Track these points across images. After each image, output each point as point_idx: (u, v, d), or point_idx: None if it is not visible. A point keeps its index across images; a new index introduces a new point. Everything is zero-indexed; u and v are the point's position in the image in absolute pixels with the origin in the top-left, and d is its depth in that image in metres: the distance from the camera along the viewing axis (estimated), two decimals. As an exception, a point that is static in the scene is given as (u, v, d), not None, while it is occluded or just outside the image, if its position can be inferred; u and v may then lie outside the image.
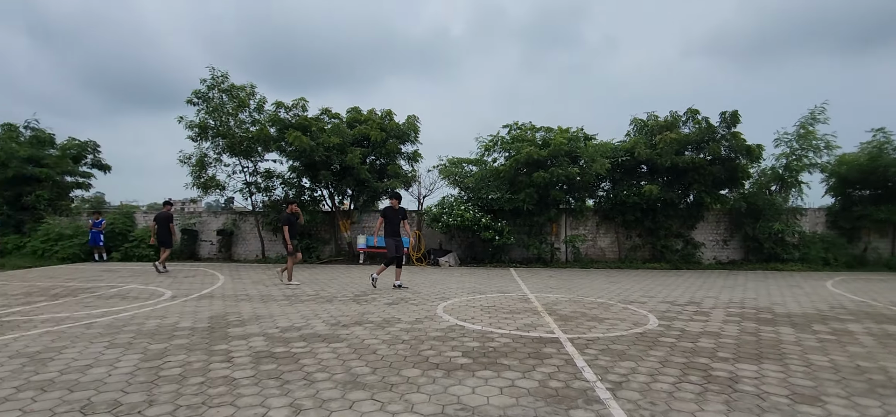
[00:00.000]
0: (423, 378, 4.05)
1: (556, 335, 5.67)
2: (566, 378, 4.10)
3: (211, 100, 15.64)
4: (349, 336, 5.51)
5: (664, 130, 14.86)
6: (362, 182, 15.49)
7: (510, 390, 3.80)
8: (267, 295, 8.69)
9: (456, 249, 16.28)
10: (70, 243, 15.58)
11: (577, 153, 14.55)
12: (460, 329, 5.93)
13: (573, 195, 15.72)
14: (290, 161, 16.04)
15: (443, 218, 14.84)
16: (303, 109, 16.03)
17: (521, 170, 14.72)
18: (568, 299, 8.44)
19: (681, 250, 15.53)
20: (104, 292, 8.84)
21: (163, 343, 5.12)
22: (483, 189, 15.32)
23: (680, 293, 9.37)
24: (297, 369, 4.26)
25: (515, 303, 7.91)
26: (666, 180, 15.42)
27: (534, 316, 6.79)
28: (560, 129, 15.16)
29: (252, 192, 16.83)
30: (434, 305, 7.62)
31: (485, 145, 16.12)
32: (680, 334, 5.80)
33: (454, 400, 3.56)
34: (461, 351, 4.88)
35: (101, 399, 3.48)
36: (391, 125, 16.19)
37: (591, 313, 7.11)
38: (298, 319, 6.45)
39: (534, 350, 4.99)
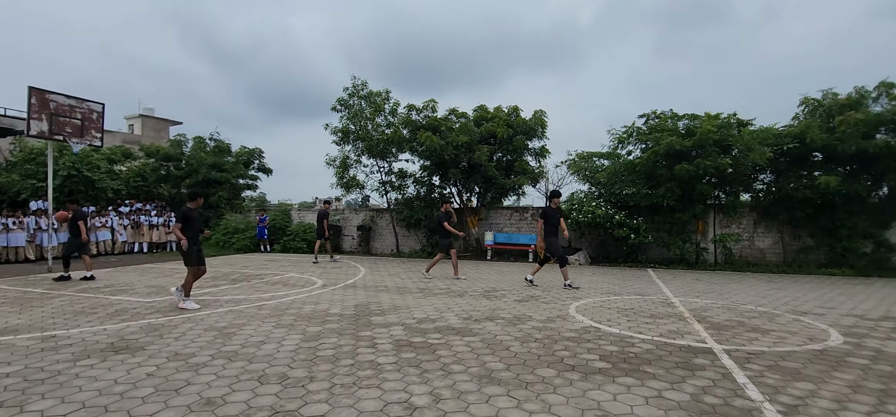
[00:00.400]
0: (558, 379, 3.92)
1: (709, 345, 5.07)
2: (725, 394, 3.64)
3: (352, 106, 17.13)
4: (481, 330, 5.57)
5: (846, 110, 12.41)
6: (490, 179, 15.64)
7: (657, 401, 3.48)
8: (402, 287, 9.22)
9: (586, 247, 15.58)
10: (243, 236, 18.32)
11: (729, 142, 12.87)
12: (596, 331, 5.63)
13: (724, 189, 13.97)
14: (421, 160, 16.84)
15: (572, 214, 14.30)
16: (432, 110, 16.71)
17: (661, 162, 13.50)
18: (720, 305, 7.52)
19: (870, 254, 12.85)
20: (270, 279, 10.21)
21: (318, 326, 5.72)
22: (616, 184, 14.40)
23: (871, 306, 7.76)
24: (435, 359, 4.42)
25: (657, 307, 7.28)
26: (849, 170, 12.89)
27: (680, 323, 6.17)
28: (708, 116, 13.55)
29: (387, 191, 18.03)
30: (566, 305, 7.36)
31: (618, 137, 15.12)
32: (875, 355, 4.79)
33: (594, 405, 3.38)
34: (598, 355, 4.63)
35: (272, 372, 4.00)
36: (518, 121, 16.09)
37: (751, 323, 6.24)
38: (432, 312, 6.71)
39: (682, 359, 4.52)
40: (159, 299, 7.45)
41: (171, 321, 5.86)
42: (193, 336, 5.14)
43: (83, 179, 16.77)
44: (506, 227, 17.16)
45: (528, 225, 16.89)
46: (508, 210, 17.33)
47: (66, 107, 11.81)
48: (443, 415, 3.17)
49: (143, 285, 8.98)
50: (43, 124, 11.30)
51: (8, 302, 7.18)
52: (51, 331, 5.31)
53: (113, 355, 4.41)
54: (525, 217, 17.05)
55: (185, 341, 4.92)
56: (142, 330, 5.40)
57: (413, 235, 17.82)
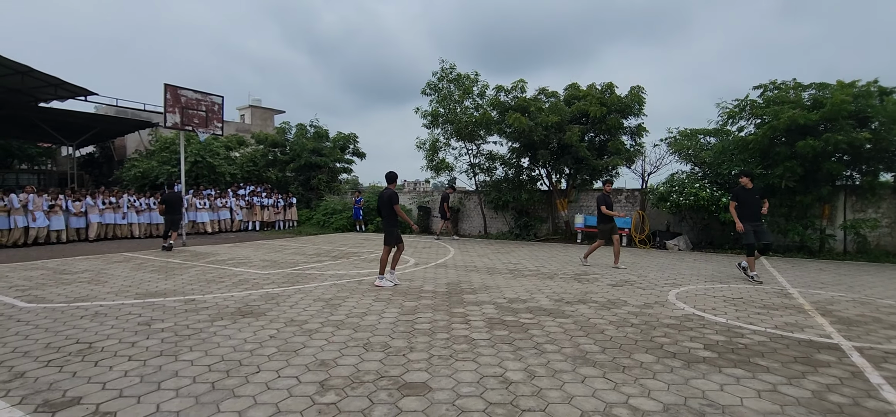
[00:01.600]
0: (658, 365, 3.79)
1: (835, 340, 4.57)
2: (854, 393, 3.29)
3: (440, 90, 17.41)
4: (574, 312, 5.51)
5: None
6: (580, 160, 15.13)
7: (771, 395, 3.24)
8: (491, 267, 9.33)
9: (687, 232, 14.54)
10: (340, 217, 19.60)
11: (868, 113, 11.19)
12: (699, 319, 5.31)
13: (859, 167, 12.23)
14: (510, 142, 16.71)
15: (671, 197, 13.39)
16: (521, 91, 16.45)
17: (779, 138, 12.12)
18: (850, 299, 6.69)
19: None
20: (366, 256, 10.85)
21: (413, 301, 6.02)
22: (724, 163, 13.20)
23: None
24: (527, 338, 4.47)
25: (770, 297, 6.66)
26: None
27: (799, 315, 5.61)
28: (840, 84, 11.86)
29: (475, 173, 18.18)
30: (664, 291, 7.00)
31: (729, 112, 13.78)
32: None
33: (698, 394, 3.24)
34: (702, 344, 4.38)
35: (376, 341, 4.32)
36: (613, 99, 15.30)
37: (888, 320, 5.50)
38: (523, 292, 6.74)
39: (801, 353, 4.14)
40: (274, 272, 8.27)
41: (285, 292, 6.51)
42: (304, 305, 5.67)
43: (206, 165, 18.94)
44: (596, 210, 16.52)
45: (621, 207, 16.14)
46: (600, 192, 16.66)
47: (194, 100, 13.37)
48: (538, 391, 3.23)
49: (258, 259, 10.01)
50: (176, 116, 12.91)
51: (155, 269, 8.42)
52: (191, 296, 6.16)
53: (241, 318, 5.03)
54: (618, 199, 16.29)
55: (298, 309, 5.45)
56: (261, 298, 6.07)
57: (501, 217, 17.85)
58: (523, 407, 2.98)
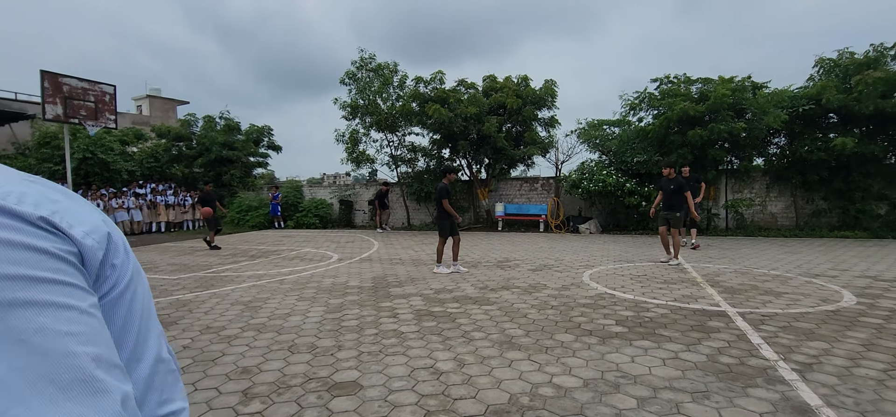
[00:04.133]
0: (577, 343, 4.05)
1: (723, 308, 5.17)
2: (740, 354, 3.75)
3: (360, 80, 17.07)
4: (498, 299, 5.71)
5: (864, 69, 12.16)
6: (499, 150, 15.63)
7: (674, 362, 3.60)
8: (417, 259, 9.37)
9: (597, 216, 15.62)
10: (256, 214, 18.58)
11: (744, 105, 12.71)
12: (610, 297, 5.75)
13: (737, 154, 13.85)
14: (430, 133, 16.83)
15: (582, 183, 14.30)
16: (440, 82, 16.61)
17: (673, 128, 13.39)
18: (733, 270, 7.59)
19: (885, 215, 12.78)
20: (287, 254, 10.41)
21: (339, 298, 5.89)
22: (627, 152, 14.32)
23: (885, 267, 7.79)
24: (455, 327, 4.57)
25: (670, 273, 7.37)
26: (865, 131, 12.72)
27: (693, 288, 6.27)
28: (722, 80, 13.35)
29: (397, 165, 18.10)
30: (579, 273, 7.48)
31: (630, 104, 14.96)
32: (889, 315, 4.86)
33: (613, 367, 3.51)
34: (614, 320, 4.75)
35: (302, 342, 4.17)
36: (527, 91, 15.96)
37: (764, 286, 6.32)
38: (449, 282, 6.86)
39: (697, 322, 4.63)
40: (185, 276, 7.67)
41: (198, 297, 6.07)
42: (221, 310, 5.33)
43: (98, 161, 17.02)
44: (516, 198, 17.21)
45: (538, 195, 16.93)
46: (518, 181, 17.36)
47: (79, 89, 11.93)
48: (468, 379, 3.32)
49: (165, 263, 9.23)
50: (57, 108, 11.45)
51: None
52: (85, 309, 5.53)
53: (147, 329, 4.60)
54: (535, 187, 17.07)
55: (215, 315, 5.11)
56: (171, 305, 5.61)
57: (424, 208, 17.95)
58: (455, 396, 3.05)
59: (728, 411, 2.83)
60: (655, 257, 9.15)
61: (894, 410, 2.80)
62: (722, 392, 3.08)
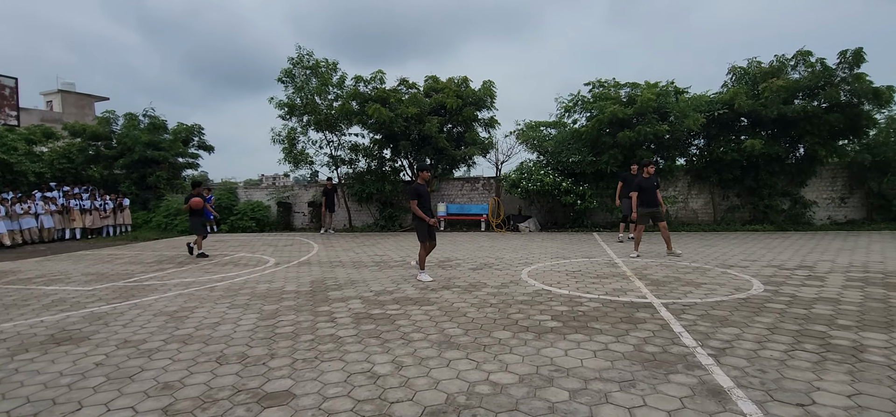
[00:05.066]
0: (514, 340, 4.14)
1: (649, 300, 5.49)
2: (663, 342, 3.99)
3: (297, 78, 16.53)
4: (438, 299, 5.73)
5: (769, 77, 13.37)
6: (440, 150, 15.70)
7: (604, 353, 3.77)
8: (357, 261, 9.22)
9: (536, 214, 16.09)
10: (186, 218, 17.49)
11: (667, 109, 13.57)
12: (547, 293, 5.93)
13: (662, 154, 14.77)
14: (371, 133, 16.62)
15: (521, 183, 14.67)
16: (380, 82, 16.43)
17: (605, 130, 14.05)
18: (659, 263, 8.08)
19: (787, 210, 14.12)
20: (219, 260, 9.89)
21: (274, 304, 5.66)
22: (563, 152, 14.87)
23: (788, 256, 8.59)
24: (394, 329, 4.53)
25: (602, 268, 7.72)
26: (771, 133, 13.97)
27: (623, 281, 6.60)
28: (647, 84, 14.18)
29: (337, 165, 17.70)
30: (518, 270, 7.66)
31: (565, 106, 15.54)
32: (790, 300, 5.36)
33: (547, 361, 3.61)
34: (550, 315, 4.90)
35: (231, 352, 3.97)
36: (467, 92, 16.15)
37: (685, 278, 6.77)
38: (389, 284, 6.80)
39: (626, 314, 4.88)
40: (101, 286, 7.07)
41: (116, 309, 5.61)
42: (142, 321, 4.96)
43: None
44: (458, 198, 17.37)
45: (479, 195, 17.18)
46: (459, 181, 17.53)
47: (-27, 82, 10.67)
48: (406, 381, 3.30)
49: (79, 273, 8.47)
50: (-54, 102, 10.18)
51: (-77, 299, 6.58)
52: (-21, 327, 4.96)
53: (55, 347, 4.20)
54: (476, 187, 17.31)
55: (134, 328, 4.75)
56: (84, 319, 5.15)
57: (365, 209, 17.69)
58: (392, 399, 3.02)
59: (652, 397, 2.99)
60: (589, 253, 9.55)
61: (794, 387, 3.09)
62: (646, 379, 3.26)
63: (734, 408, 2.82)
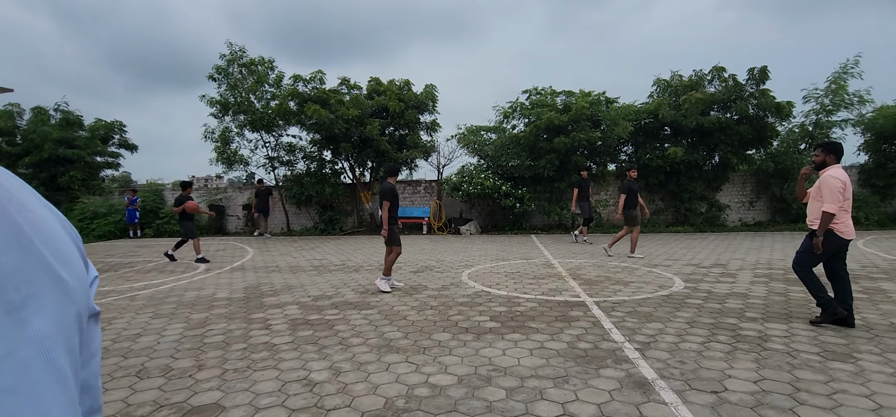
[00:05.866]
0: (453, 341, 4.18)
1: (582, 299, 5.74)
2: (594, 339, 4.18)
3: (231, 75, 15.79)
4: (379, 303, 5.67)
5: (689, 90, 14.46)
6: (382, 153, 15.57)
7: (540, 351, 3.90)
8: (296, 265, 8.93)
9: (477, 217, 16.36)
10: (105, 221, 16.14)
11: (599, 117, 14.30)
12: (486, 294, 6.04)
13: (595, 160, 15.53)
14: (311, 134, 16.19)
15: (463, 186, 14.87)
16: (320, 82, 16.07)
17: (542, 136, 14.56)
18: (592, 264, 8.47)
19: (705, 213, 15.30)
20: (142, 266, 9.22)
21: (203, 312, 5.36)
22: (502, 156, 15.23)
23: (705, 255, 9.31)
24: (332, 334, 4.43)
25: (539, 269, 7.98)
26: (690, 142, 15.09)
27: (558, 281, 6.86)
28: (581, 93, 14.87)
29: (274, 167, 17.08)
30: (459, 273, 7.75)
31: (504, 112, 15.95)
32: (707, 296, 5.81)
33: (486, 361, 3.68)
34: (489, 316, 5.00)
35: (153, 365, 3.71)
36: (409, 95, 16.13)
37: (615, 277, 7.14)
38: (328, 288, 6.64)
39: (561, 313, 5.07)
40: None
41: (18, 322, 5.07)
42: (50, 336, 4.52)
43: None
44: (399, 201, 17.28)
45: (421, 198, 17.20)
46: (401, 184, 17.46)
47: None
48: (343, 387, 3.23)
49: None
50: None
51: None
52: None
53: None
54: (418, 190, 17.33)
55: (40, 343, 4.31)
56: (-22, 335, 4.61)
57: (304, 212, 17.19)
58: (328, 406, 2.95)
59: (583, 392, 3.13)
60: (527, 255, 9.84)
61: (709, 376, 3.35)
62: (579, 375, 3.40)
63: (657, 398, 3.01)
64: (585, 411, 2.85)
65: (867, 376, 3.27)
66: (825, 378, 3.26)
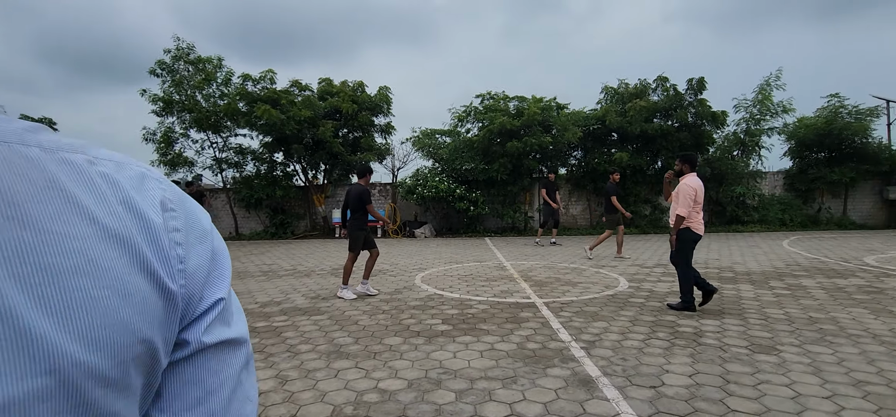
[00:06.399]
0: (405, 345, 4.17)
1: (533, 300, 5.87)
2: (543, 339, 4.29)
3: (176, 71, 15.06)
4: (329, 308, 5.57)
5: (634, 98, 15.13)
6: (335, 155, 15.31)
7: (490, 353, 3.95)
8: (243, 271, 8.62)
9: (431, 220, 16.39)
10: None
11: (550, 122, 14.70)
12: (439, 297, 6.06)
13: (546, 164, 15.94)
14: (261, 135, 15.70)
15: (417, 189, 14.86)
16: (271, 82, 15.62)
17: (495, 139, 14.80)
18: (542, 265, 8.68)
19: (649, 216, 16.05)
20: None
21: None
22: (457, 160, 15.36)
23: (648, 256, 9.75)
24: (280, 342, 4.31)
25: (492, 271, 8.09)
26: (635, 147, 15.79)
27: (510, 283, 6.98)
28: (533, 99, 15.25)
29: (222, 168, 16.43)
30: (412, 276, 7.73)
31: (458, 116, 16.09)
32: (649, 295, 6.08)
33: (436, 365, 3.69)
34: (441, 319, 5.02)
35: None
36: (363, 97, 15.95)
37: (565, 278, 7.35)
38: (277, 294, 6.46)
39: (511, 315, 5.17)
40: None
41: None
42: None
43: None
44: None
45: (375, 201, 17.04)
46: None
47: None
48: (290, 396, 3.15)
49: None
50: None
51: None
52: None
53: None
54: (372, 193, 17.16)
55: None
56: None
57: (254, 216, 16.62)
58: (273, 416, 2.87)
59: (531, 391, 3.20)
60: (481, 257, 9.96)
61: (649, 371, 3.51)
62: (527, 375, 3.48)
63: (600, 395, 3.12)
64: (532, 410, 2.92)
65: (788, 367, 3.54)
66: (752, 369, 3.50)
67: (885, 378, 3.27)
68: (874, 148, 16.04)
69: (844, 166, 15.82)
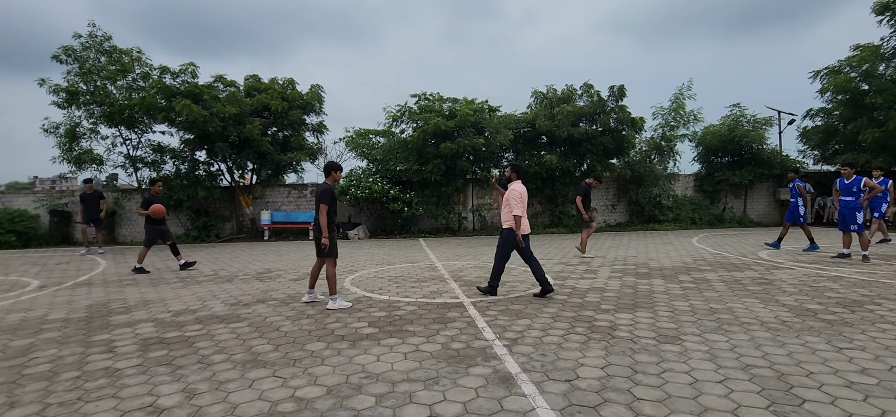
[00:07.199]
0: (327, 350, 4.06)
1: (461, 300, 5.93)
2: (467, 339, 4.34)
3: (85, 60, 13.74)
4: (250, 315, 5.31)
5: (562, 103, 15.77)
6: (264, 154, 14.66)
7: (414, 354, 3.94)
8: (158, 278, 8.02)
9: (365, 221, 16.14)
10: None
11: (483, 124, 14.97)
12: (367, 300, 5.97)
13: (479, 165, 16.22)
14: (182, 132, 14.70)
15: (351, 190, 14.59)
16: (193, 76, 14.67)
17: (429, 140, 14.85)
18: (473, 265, 8.81)
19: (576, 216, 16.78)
20: (-52, 286, 7.58)
21: (28, 338, 4.56)
22: (391, 160, 15.25)
23: (573, 255, 10.19)
24: (192, 353, 4.04)
25: (423, 272, 8.10)
26: (563, 150, 16.47)
27: (440, 284, 7.02)
28: (466, 101, 15.46)
29: (137, 168, 15.21)
30: (342, 278, 7.56)
31: (393, 116, 15.97)
32: (571, 291, 6.35)
33: (359, 369, 3.62)
34: (367, 322, 4.94)
35: (-53, 407, 3.05)
36: (294, 95, 15.41)
37: (494, 277, 7.49)
38: (194, 301, 6.06)
39: (439, 315, 5.19)
40: None
41: None
42: None
43: None
44: (284, 205, 16.45)
45: (307, 202, 16.53)
46: (286, 187, 16.64)
47: None
48: (197, 411, 2.96)
49: None
50: None
51: None
52: None
53: None
54: (304, 194, 16.63)
55: None
56: None
57: (174, 218, 15.52)
58: (177, 434, 2.67)
59: (451, 391, 3.22)
60: (413, 258, 9.93)
61: (565, 366, 3.65)
62: (449, 375, 3.50)
63: (518, 391, 3.20)
64: (451, 410, 2.94)
65: (689, 355, 3.82)
66: (657, 359, 3.74)
67: (769, 361, 3.63)
68: (768, 153, 17.85)
69: (744, 170, 17.47)
